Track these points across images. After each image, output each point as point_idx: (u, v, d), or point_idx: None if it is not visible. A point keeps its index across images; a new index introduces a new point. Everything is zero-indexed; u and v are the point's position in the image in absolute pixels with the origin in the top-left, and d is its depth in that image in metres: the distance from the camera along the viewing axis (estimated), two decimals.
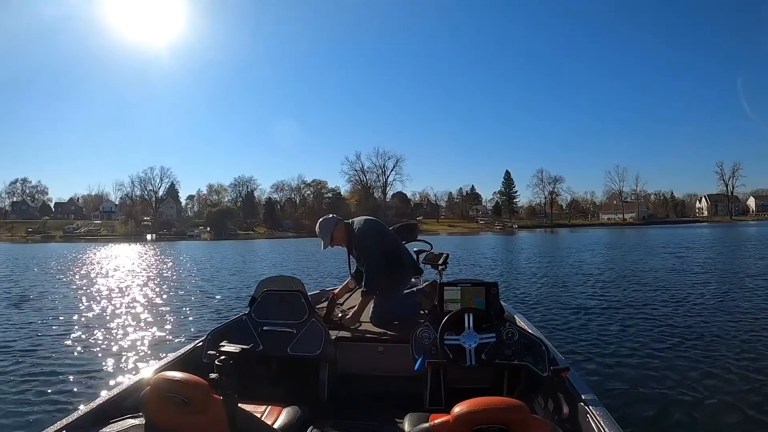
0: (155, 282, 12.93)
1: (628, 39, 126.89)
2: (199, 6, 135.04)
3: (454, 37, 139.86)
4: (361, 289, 3.24)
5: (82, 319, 7.42)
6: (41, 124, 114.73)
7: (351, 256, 3.28)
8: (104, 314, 7.80)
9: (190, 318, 7.49)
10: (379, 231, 3.20)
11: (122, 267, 18.55)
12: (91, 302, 9.16)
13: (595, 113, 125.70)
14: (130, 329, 6.56)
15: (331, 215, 3.29)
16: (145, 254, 28.91)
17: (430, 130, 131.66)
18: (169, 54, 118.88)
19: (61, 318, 7.49)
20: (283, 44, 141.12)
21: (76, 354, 5.25)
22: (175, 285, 12.16)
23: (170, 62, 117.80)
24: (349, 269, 3.40)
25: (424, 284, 3.59)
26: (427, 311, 2.96)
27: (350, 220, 3.26)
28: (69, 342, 5.84)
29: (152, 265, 19.71)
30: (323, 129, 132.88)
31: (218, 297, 9.68)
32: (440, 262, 3.82)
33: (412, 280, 3.85)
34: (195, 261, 21.91)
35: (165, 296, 9.97)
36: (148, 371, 2.22)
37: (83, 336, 6.15)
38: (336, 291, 3.48)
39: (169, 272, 16.13)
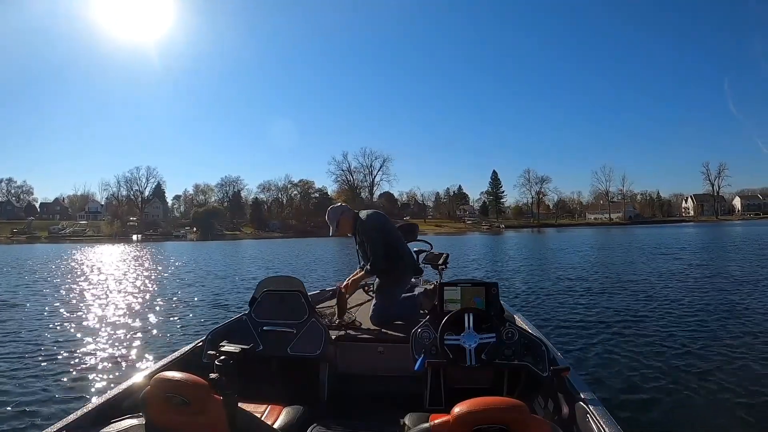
0: (150, 283, 12.92)
1: (616, 40, 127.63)
2: (188, 4, 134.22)
3: (442, 37, 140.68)
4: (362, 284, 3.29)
5: (81, 320, 7.42)
6: (27, 124, 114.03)
7: (357, 246, 3.33)
8: (103, 315, 7.81)
9: (189, 318, 7.49)
10: (384, 224, 3.27)
11: (113, 268, 18.54)
12: (88, 304, 9.16)
13: (582, 114, 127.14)
14: (129, 330, 6.57)
15: (339, 203, 3.43)
16: (134, 255, 28.70)
17: (418, 130, 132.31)
18: (157, 53, 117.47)
19: (59, 319, 7.49)
20: (271, 44, 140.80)
21: (75, 354, 5.25)
22: (170, 286, 12.15)
23: (158, 61, 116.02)
24: (359, 261, 3.41)
25: (424, 284, 3.59)
26: (427, 311, 2.97)
27: (358, 211, 3.33)
28: (68, 343, 5.83)
29: (143, 266, 19.68)
30: (311, 129, 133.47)
31: (213, 298, 9.65)
32: (440, 262, 3.83)
33: (412, 280, 3.86)
34: (186, 262, 21.88)
35: (161, 297, 9.96)
36: (148, 371, 2.22)
37: (82, 337, 6.15)
38: (345, 284, 3.27)
39: (162, 273, 16.14)
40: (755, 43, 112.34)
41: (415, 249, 4.08)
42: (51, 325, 6.94)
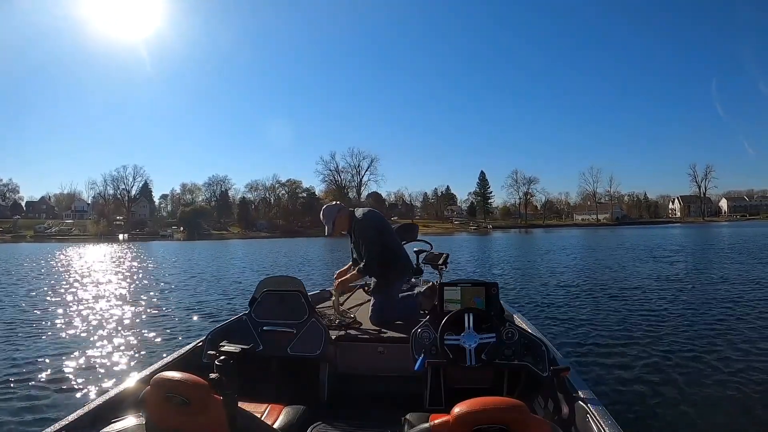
0: (145, 283, 12.90)
1: (605, 40, 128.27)
2: (178, 2, 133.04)
3: (434, 37, 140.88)
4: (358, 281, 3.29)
5: (79, 320, 7.42)
6: (13, 122, 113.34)
7: (351, 245, 3.31)
8: (101, 315, 7.80)
9: (188, 318, 7.49)
10: (380, 223, 3.25)
11: (105, 268, 18.51)
12: (85, 304, 9.15)
13: (570, 115, 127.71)
14: (128, 330, 6.57)
15: (334, 202, 3.38)
16: (123, 255, 28.36)
17: (406, 130, 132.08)
18: (146, 51, 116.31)
19: (56, 319, 7.48)
20: (261, 43, 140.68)
21: (75, 354, 5.25)
22: (166, 286, 12.13)
23: (147, 59, 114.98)
24: (352, 255, 3.41)
25: (424, 284, 3.59)
26: (427, 311, 2.97)
27: (353, 209, 3.31)
28: (68, 342, 5.84)
29: (135, 266, 19.64)
30: (299, 128, 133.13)
31: (211, 298, 9.65)
32: (440, 262, 3.82)
33: (412, 280, 3.85)
34: (177, 262, 21.82)
35: (159, 297, 9.96)
36: (148, 371, 2.22)
37: (81, 337, 6.15)
38: (335, 282, 3.31)
39: (157, 273, 16.15)
40: (743, 45, 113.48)
41: (415, 249, 4.08)
42: (49, 326, 6.93)
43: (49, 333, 6.43)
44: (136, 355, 5.24)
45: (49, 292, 11.03)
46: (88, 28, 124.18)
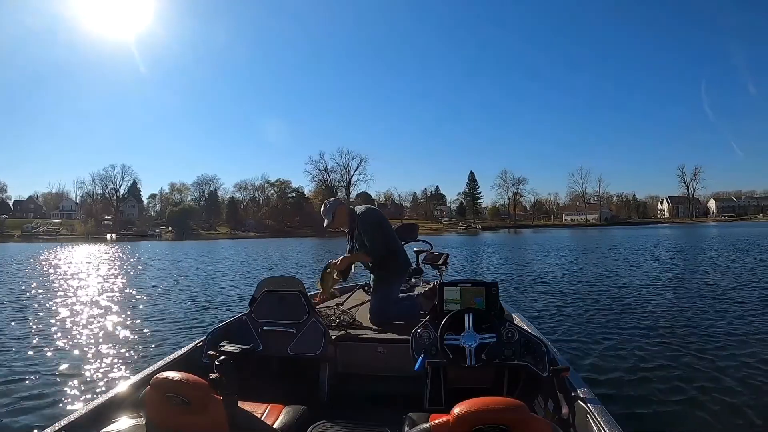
0: (141, 283, 12.86)
1: (596, 40, 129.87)
2: (170, 2, 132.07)
3: (423, 37, 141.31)
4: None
5: (78, 320, 7.41)
6: (0, 120, 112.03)
7: (353, 240, 3.34)
8: (100, 316, 7.79)
9: (188, 319, 7.48)
10: (382, 219, 3.31)
11: (98, 268, 18.43)
12: (83, 304, 9.14)
13: (560, 115, 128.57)
14: (128, 330, 6.56)
15: (334, 198, 3.53)
16: (114, 255, 28.03)
17: (395, 130, 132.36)
18: (137, 50, 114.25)
19: (55, 319, 7.47)
20: (251, 44, 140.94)
21: (75, 354, 5.25)
22: (163, 286, 12.10)
23: (138, 58, 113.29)
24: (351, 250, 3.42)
25: (424, 284, 3.59)
26: (427, 311, 2.97)
27: (353, 206, 3.39)
28: (67, 343, 5.83)
29: (129, 266, 19.59)
30: (288, 128, 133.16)
31: (207, 299, 9.62)
32: (440, 262, 3.83)
33: (412, 280, 3.86)
34: (171, 262, 21.75)
35: (156, 298, 9.94)
36: (148, 371, 2.22)
37: (81, 337, 6.14)
38: (336, 262, 3.25)
39: (152, 273, 16.12)
40: (733, 46, 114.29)
41: (415, 249, 4.09)
42: (46, 326, 6.91)
43: (47, 333, 6.41)
44: (136, 355, 5.23)
45: (43, 293, 10.98)
46: (79, 26, 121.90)
